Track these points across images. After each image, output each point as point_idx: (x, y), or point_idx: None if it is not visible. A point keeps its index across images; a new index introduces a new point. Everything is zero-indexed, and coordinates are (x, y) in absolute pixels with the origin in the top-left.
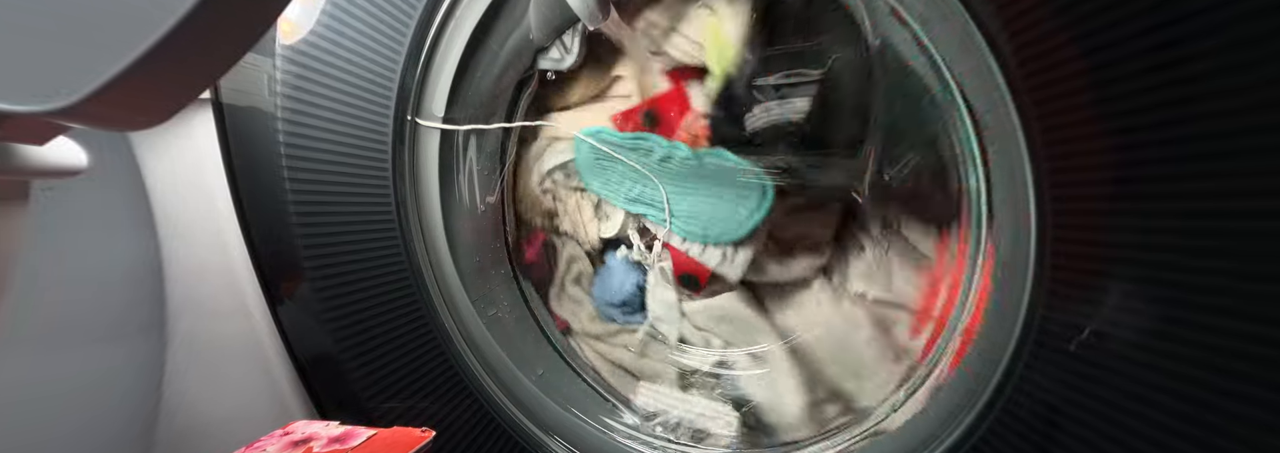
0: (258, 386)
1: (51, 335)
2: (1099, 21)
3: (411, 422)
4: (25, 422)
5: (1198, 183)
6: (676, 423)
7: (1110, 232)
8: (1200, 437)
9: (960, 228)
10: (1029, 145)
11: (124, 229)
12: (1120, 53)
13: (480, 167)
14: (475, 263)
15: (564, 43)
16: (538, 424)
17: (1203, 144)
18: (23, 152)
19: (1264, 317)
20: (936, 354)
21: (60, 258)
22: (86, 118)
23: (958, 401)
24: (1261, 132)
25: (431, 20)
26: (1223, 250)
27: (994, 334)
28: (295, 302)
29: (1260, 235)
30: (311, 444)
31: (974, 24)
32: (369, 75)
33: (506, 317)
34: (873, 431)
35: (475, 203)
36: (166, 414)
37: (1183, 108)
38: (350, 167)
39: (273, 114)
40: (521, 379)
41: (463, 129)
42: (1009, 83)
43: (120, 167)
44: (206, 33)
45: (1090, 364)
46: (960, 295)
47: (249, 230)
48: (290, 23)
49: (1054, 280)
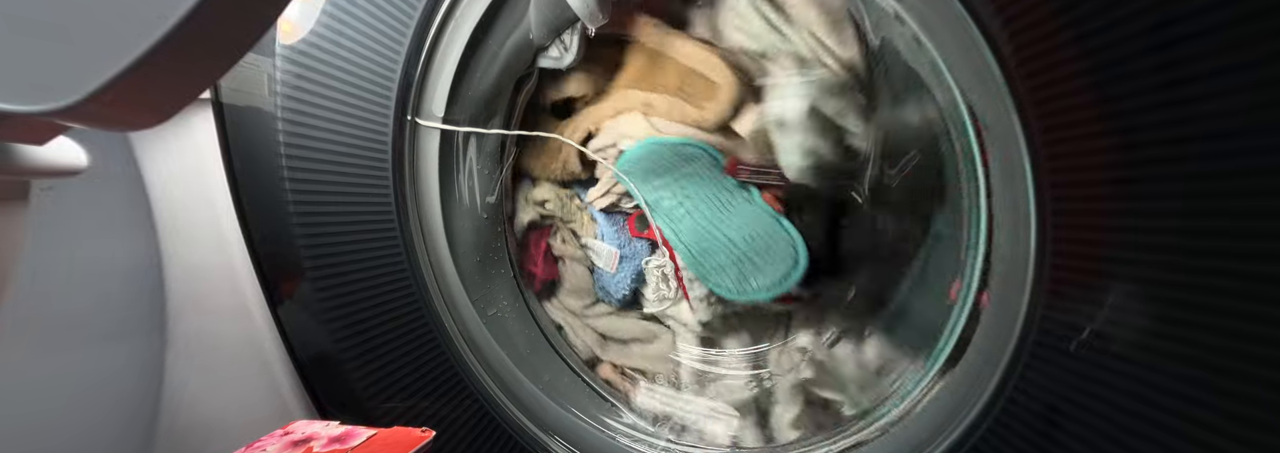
0: (258, 386)
1: (52, 335)
2: (1099, 21)
3: (411, 422)
4: (25, 422)
5: (1198, 183)
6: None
7: (1110, 232)
8: (1200, 437)
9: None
10: (1029, 145)
11: (124, 229)
12: (1120, 53)
13: (480, 167)
14: (475, 263)
15: (564, 41)
16: (538, 424)
17: (1203, 144)
18: (23, 152)
19: (1264, 317)
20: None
21: (60, 258)
22: (86, 118)
23: (958, 401)
24: (1261, 132)
25: (431, 20)
26: (1223, 250)
27: (994, 334)
28: (295, 302)
29: (1260, 235)
30: (311, 444)
31: (974, 24)
32: (369, 75)
33: (506, 317)
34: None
35: (475, 203)
36: (166, 414)
37: (1183, 108)
38: (350, 167)
39: (273, 114)
40: (522, 379)
41: (462, 130)
42: (1009, 83)
43: (120, 167)
44: (206, 33)
45: (1090, 364)
46: (961, 295)
47: (249, 230)
48: (290, 23)
49: (1054, 280)
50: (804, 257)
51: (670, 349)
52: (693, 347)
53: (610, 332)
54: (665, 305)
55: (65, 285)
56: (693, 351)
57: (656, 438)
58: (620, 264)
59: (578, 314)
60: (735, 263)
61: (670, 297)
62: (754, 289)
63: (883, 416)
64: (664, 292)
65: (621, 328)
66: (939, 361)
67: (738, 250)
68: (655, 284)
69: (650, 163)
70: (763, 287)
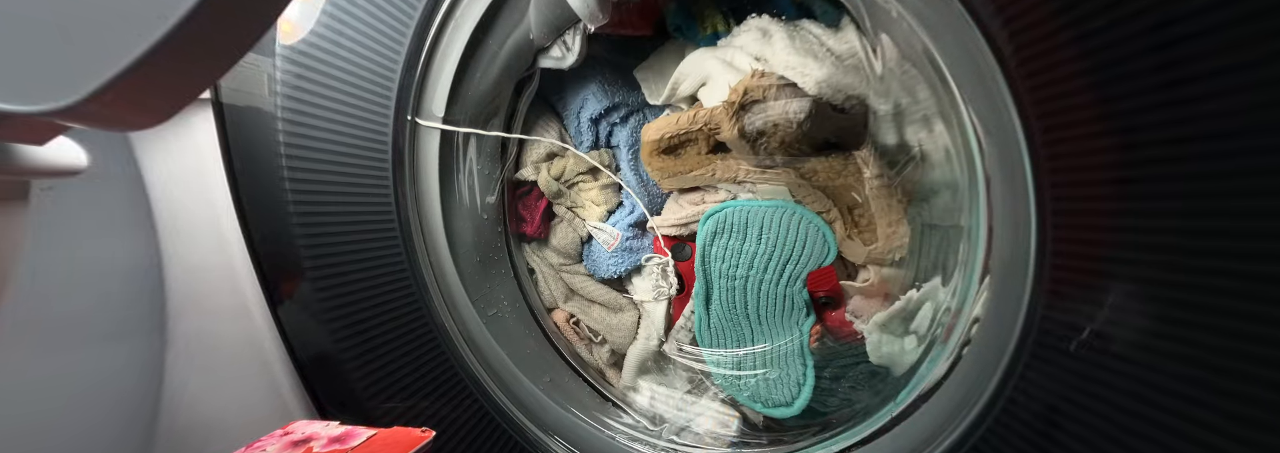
0: (258, 386)
1: (52, 335)
2: (1099, 21)
3: (411, 422)
4: (26, 422)
5: (1198, 183)
6: (680, 426)
7: (1110, 232)
8: (1200, 437)
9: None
10: (1029, 145)
11: (124, 229)
12: (1120, 53)
13: (480, 167)
14: (475, 263)
15: (565, 42)
16: (538, 424)
17: (1203, 144)
18: (23, 152)
19: (1264, 317)
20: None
21: (60, 258)
22: (86, 118)
23: (958, 401)
24: (1261, 131)
25: (431, 20)
26: (1223, 250)
27: (994, 334)
28: (295, 302)
29: (1260, 235)
30: (311, 444)
31: (974, 24)
32: (369, 75)
33: (506, 317)
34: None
35: (475, 203)
36: (167, 414)
37: (1183, 108)
38: (350, 167)
39: (273, 114)
40: (522, 379)
41: (462, 131)
42: (1009, 83)
43: (120, 167)
44: (206, 33)
45: (1090, 364)
46: (960, 296)
47: (249, 230)
48: (290, 23)
49: (1054, 280)
50: (803, 401)
51: (631, 324)
52: (689, 346)
53: (579, 289)
54: (662, 300)
55: (65, 285)
56: (690, 350)
57: (657, 438)
58: (619, 251)
59: (554, 267)
60: (737, 362)
61: (669, 293)
62: (738, 392)
63: (883, 415)
64: (662, 288)
65: (593, 291)
66: (939, 361)
67: (752, 353)
68: (655, 279)
69: (746, 224)
70: (749, 398)
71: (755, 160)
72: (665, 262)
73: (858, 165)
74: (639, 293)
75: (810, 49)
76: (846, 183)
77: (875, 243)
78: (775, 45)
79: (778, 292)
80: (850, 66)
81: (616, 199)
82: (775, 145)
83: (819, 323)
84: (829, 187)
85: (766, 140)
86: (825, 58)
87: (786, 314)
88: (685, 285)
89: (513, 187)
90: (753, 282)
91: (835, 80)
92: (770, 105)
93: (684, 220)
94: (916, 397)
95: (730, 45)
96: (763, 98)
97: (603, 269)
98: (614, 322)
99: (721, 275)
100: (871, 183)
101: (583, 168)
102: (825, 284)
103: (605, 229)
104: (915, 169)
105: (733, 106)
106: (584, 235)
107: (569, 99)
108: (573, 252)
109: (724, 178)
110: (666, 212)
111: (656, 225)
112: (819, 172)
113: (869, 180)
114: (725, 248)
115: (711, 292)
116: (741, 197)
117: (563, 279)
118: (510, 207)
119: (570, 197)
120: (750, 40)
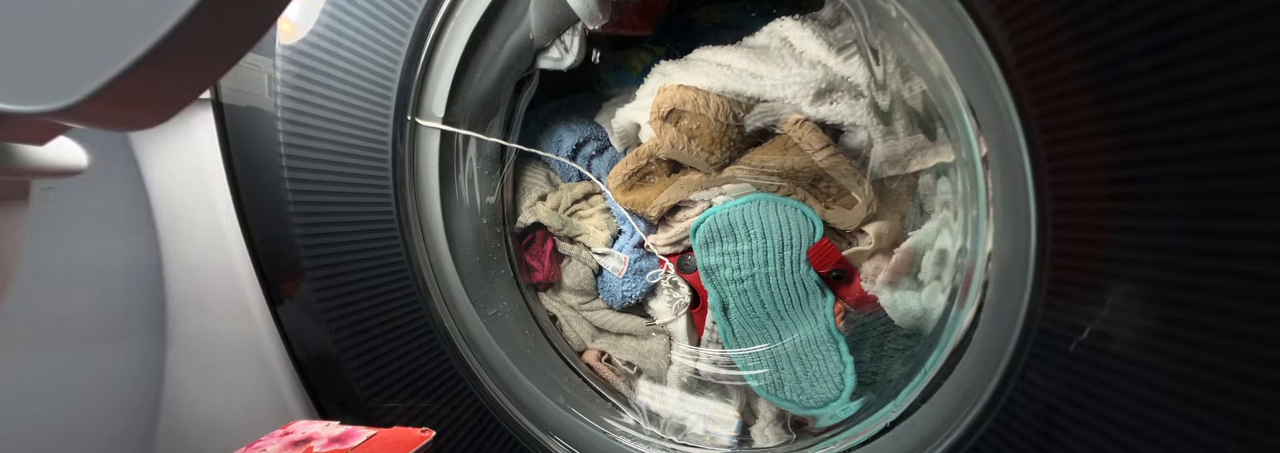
0: (258, 386)
1: (52, 335)
2: (1099, 21)
3: (411, 422)
4: (26, 421)
5: (1198, 183)
6: (680, 426)
7: (1110, 232)
8: (1200, 437)
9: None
10: (1029, 145)
11: (124, 229)
12: (1120, 53)
13: (480, 167)
14: (475, 263)
15: (563, 42)
16: (538, 424)
17: (1203, 144)
18: (23, 152)
19: (1264, 317)
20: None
21: (60, 258)
22: (86, 118)
23: (958, 401)
24: (1261, 132)
25: (431, 20)
26: (1223, 250)
27: (994, 334)
28: (295, 302)
29: (1260, 236)
30: (311, 444)
31: (974, 24)
32: (369, 75)
33: (506, 317)
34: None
35: (475, 203)
36: (167, 414)
37: (1183, 108)
38: (350, 167)
39: (273, 114)
40: (522, 379)
41: (462, 133)
42: (1009, 83)
43: (120, 167)
44: (206, 33)
45: (1090, 364)
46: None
47: (249, 230)
48: (290, 23)
49: (1054, 280)
50: (849, 388)
51: (662, 348)
52: (689, 346)
53: (605, 325)
54: (681, 312)
55: (65, 285)
56: (690, 351)
57: (657, 438)
58: (630, 274)
59: (575, 309)
60: (772, 360)
61: (684, 301)
62: (783, 399)
63: (883, 416)
64: (677, 299)
65: (617, 323)
66: (939, 361)
67: (781, 350)
68: (668, 294)
69: (730, 227)
70: (796, 400)
71: (707, 162)
72: (669, 273)
73: (796, 144)
74: (660, 316)
75: (705, 70)
76: (795, 162)
77: (856, 205)
78: (677, 74)
79: (787, 280)
80: (737, 73)
81: (617, 224)
82: (708, 143)
83: (838, 300)
84: (784, 170)
85: (698, 140)
86: (716, 72)
87: (803, 300)
88: (699, 297)
89: (516, 239)
90: (760, 278)
91: (723, 86)
92: (685, 113)
93: (675, 238)
94: (917, 397)
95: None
96: (677, 103)
97: (619, 297)
98: (645, 349)
99: (729, 281)
100: (819, 156)
101: (578, 195)
102: (829, 258)
103: (613, 254)
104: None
105: (658, 122)
106: (595, 268)
107: (546, 143)
108: (588, 287)
109: (692, 188)
110: (659, 234)
111: (653, 243)
112: (767, 160)
113: (815, 154)
114: (722, 254)
115: (726, 300)
116: (716, 202)
117: (586, 318)
118: (517, 258)
119: (573, 226)
120: (672, 68)
